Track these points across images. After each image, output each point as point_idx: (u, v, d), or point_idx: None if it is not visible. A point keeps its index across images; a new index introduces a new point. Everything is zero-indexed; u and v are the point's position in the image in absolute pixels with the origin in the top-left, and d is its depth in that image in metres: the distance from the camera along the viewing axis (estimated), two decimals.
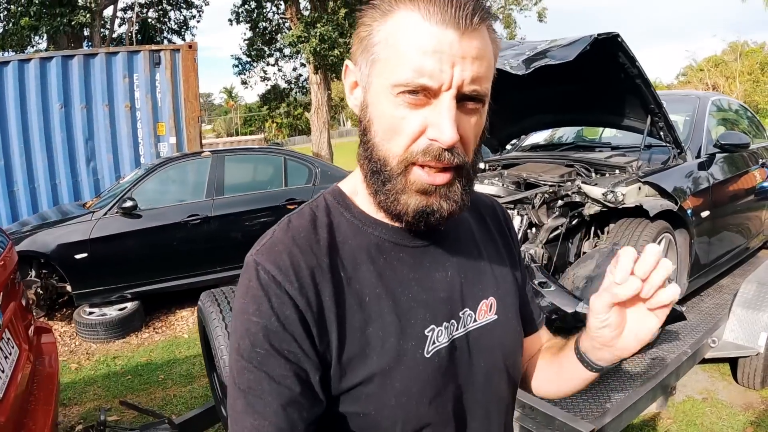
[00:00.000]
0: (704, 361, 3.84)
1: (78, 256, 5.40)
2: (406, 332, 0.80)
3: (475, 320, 0.89)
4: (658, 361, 2.99)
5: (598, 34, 2.85)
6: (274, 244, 0.79)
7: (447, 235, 0.89)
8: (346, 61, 0.84)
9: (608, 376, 2.82)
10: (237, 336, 0.76)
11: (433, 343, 0.82)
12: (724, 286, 4.33)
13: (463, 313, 0.88)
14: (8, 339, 2.30)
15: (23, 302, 2.73)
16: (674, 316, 2.57)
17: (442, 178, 0.75)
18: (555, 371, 1.01)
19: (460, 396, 0.87)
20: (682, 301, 3.70)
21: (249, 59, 18.14)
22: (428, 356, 0.82)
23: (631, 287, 0.72)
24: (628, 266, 0.72)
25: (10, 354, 2.26)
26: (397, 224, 0.83)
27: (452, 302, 0.87)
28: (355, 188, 0.87)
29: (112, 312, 5.54)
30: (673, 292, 0.73)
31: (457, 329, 0.86)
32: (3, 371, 2.11)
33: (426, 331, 0.82)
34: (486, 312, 0.91)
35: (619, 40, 2.96)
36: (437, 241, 0.88)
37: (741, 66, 35.51)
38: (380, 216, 0.84)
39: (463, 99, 0.74)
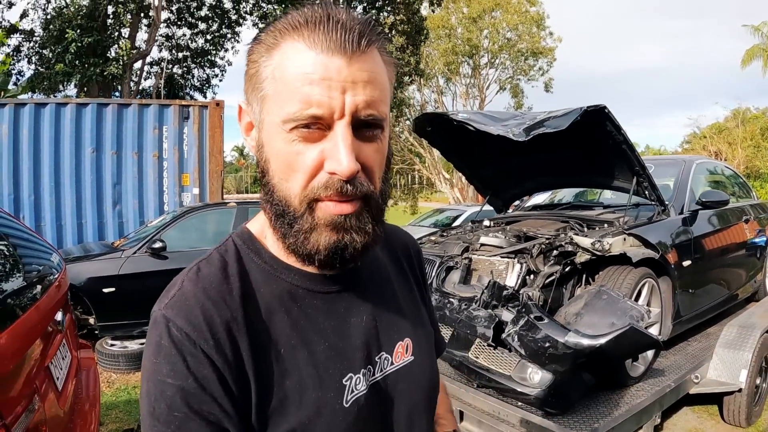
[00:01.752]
0: (693, 401, 4.18)
1: (106, 290, 5.74)
2: (324, 383, 0.77)
3: (392, 363, 0.87)
4: (642, 392, 3.36)
5: (588, 107, 3.34)
6: (185, 296, 0.73)
7: (360, 278, 0.87)
8: (239, 102, 0.80)
9: (598, 402, 3.19)
10: (151, 399, 0.69)
11: (352, 391, 0.79)
12: (711, 333, 4.68)
13: (380, 357, 0.85)
14: (64, 344, 2.65)
15: (73, 318, 3.12)
16: (650, 343, 2.94)
17: (349, 207, 0.72)
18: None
19: None
20: (667, 344, 4.05)
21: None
22: (347, 406, 0.78)
23: None
24: None
25: (66, 357, 2.62)
26: (309, 269, 0.80)
27: (369, 348, 0.84)
28: (264, 230, 0.83)
29: (133, 345, 5.78)
30: None
31: (374, 374, 0.84)
32: (62, 369, 2.47)
33: (344, 380, 0.79)
34: (402, 354, 0.89)
35: (606, 111, 3.44)
36: (351, 286, 0.85)
37: (743, 132, 36.19)
38: (291, 260, 0.80)
39: (360, 126, 0.70)
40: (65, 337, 2.69)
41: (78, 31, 12.99)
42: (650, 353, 3.54)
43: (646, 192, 4.01)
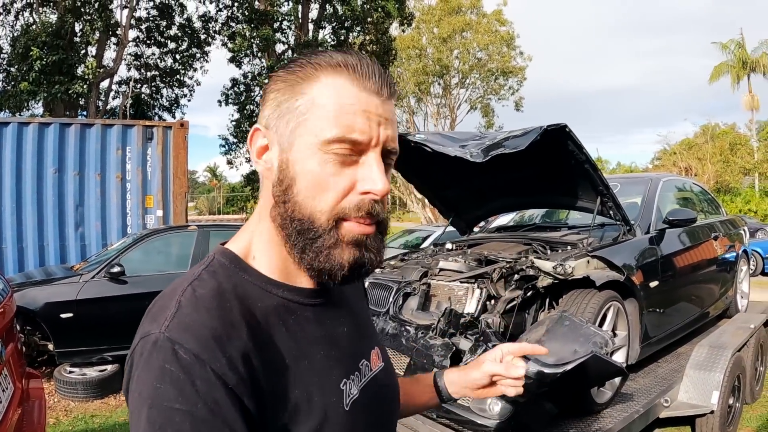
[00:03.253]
0: (665, 424, 4.08)
1: (64, 315, 5.57)
2: (326, 389, 0.81)
3: (370, 369, 0.93)
4: (609, 420, 3.24)
5: (548, 126, 3.25)
6: (188, 318, 0.71)
7: (334, 291, 0.91)
8: (256, 126, 0.85)
9: (565, 429, 3.07)
10: (155, 427, 0.65)
11: (348, 395, 0.84)
12: (681, 353, 4.59)
13: (362, 364, 0.91)
14: (6, 375, 2.53)
15: (19, 346, 2.98)
16: (615, 371, 2.84)
17: (370, 229, 0.80)
18: (411, 385, 1.23)
19: None
20: (636, 367, 3.96)
21: (235, 140, 18.85)
22: (348, 409, 0.83)
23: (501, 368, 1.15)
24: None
25: (6, 389, 2.49)
26: (297, 283, 0.85)
27: (354, 355, 0.90)
28: (248, 251, 0.85)
29: (92, 372, 5.64)
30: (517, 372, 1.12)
31: (361, 380, 0.89)
32: (0, 402, 2.35)
33: (341, 386, 0.84)
34: (377, 360, 0.97)
35: (567, 130, 3.36)
36: (329, 298, 0.90)
37: (712, 148, 36.90)
38: (277, 276, 0.84)
39: (384, 155, 0.81)
40: (7, 368, 2.58)
41: (44, 48, 12.78)
42: (617, 378, 3.43)
43: (611, 212, 3.94)
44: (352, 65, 0.79)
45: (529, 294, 3.24)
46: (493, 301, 3.28)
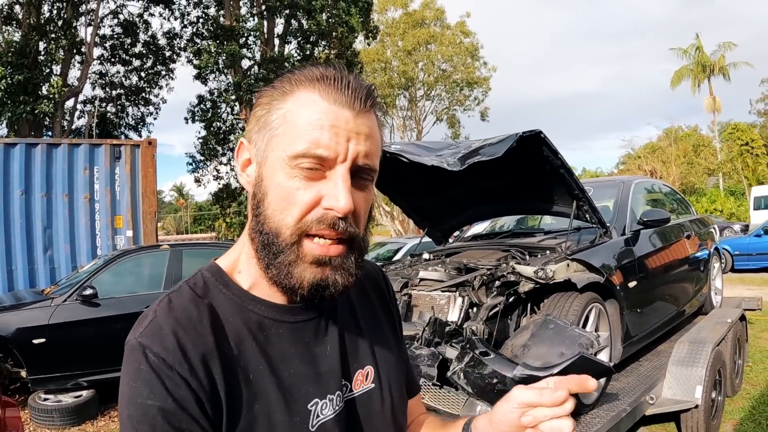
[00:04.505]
0: (650, 421, 4.12)
1: (36, 341, 5.41)
2: (291, 407, 0.81)
3: (351, 390, 0.91)
4: (597, 420, 3.25)
5: (523, 132, 3.27)
6: (159, 325, 0.77)
7: (325, 309, 0.90)
8: (241, 139, 0.86)
9: None
10: (133, 422, 0.73)
11: (317, 416, 0.83)
12: (661, 350, 4.67)
13: (344, 385, 0.89)
14: None
15: None
16: (602, 370, 2.85)
17: (336, 249, 0.78)
18: None
19: None
20: (619, 366, 3.98)
21: (203, 158, 18.67)
22: (313, 430, 0.83)
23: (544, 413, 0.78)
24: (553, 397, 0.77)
25: None
26: (277, 300, 0.85)
27: (333, 375, 0.88)
28: (235, 265, 0.88)
29: (67, 399, 5.49)
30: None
31: (338, 402, 0.88)
32: None
33: (309, 406, 0.83)
34: (362, 382, 0.93)
35: (542, 136, 3.39)
36: (316, 316, 0.89)
37: (676, 150, 37.81)
38: (260, 293, 0.85)
39: (356, 172, 0.79)
40: None
41: (8, 68, 12.51)
42: (603, 379, 3.45)
43: (587, 215, 3.97)
44: (329, 79, 0.79)
45: (511, 300, 3.25)
46: (475, 309, 3.29)
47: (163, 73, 19.07)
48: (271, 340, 0.83)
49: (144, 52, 18.44)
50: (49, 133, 14.79)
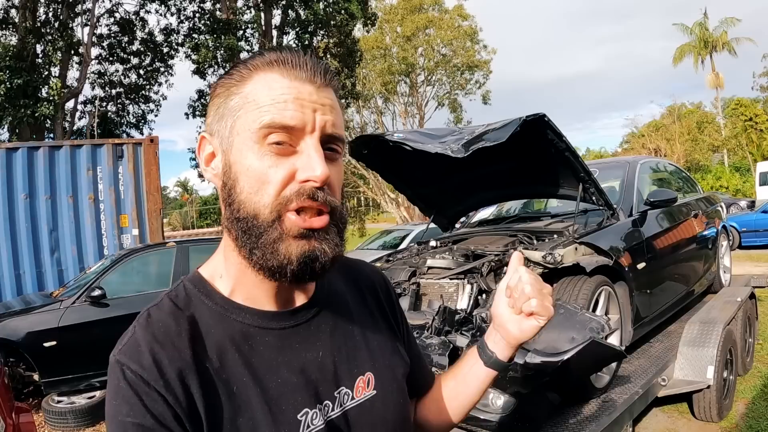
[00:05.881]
0: (662, 402, 4.11)
1: (47, 344, 5.43)
2: (278, 419, 0.79)
3: (352, 398, 0.88)
4: (610, 403, 3.24)
5: (527, 116, 3.23)
6: (136, 342, 0.76)
7: (316, 314, 0.89)
8: (202, 133, 0.85)
9: (566, 419, 3.05)
10: None
11: (308, 426, 0.81)
12: (672, 331, 4.64)
13: (339, 392, 0.86)
14: None
15: (5, 381, 2.89)
16: (613, 354, 2.83)
17: (319, 221, 0.77)
18: (455, 384, 1.07)
19: None
20: (630, 348, 3.97)
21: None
22: None
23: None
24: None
25: None
26: (262, 306, 0.84)
27: (325, 382, 0.85)
28: (216, 271, 0.86)
29: (81, 400, 5.52)
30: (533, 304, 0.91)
31: (332, 410, 0.85)
32: None
33: (299, 416, 0.80)
34: (364, 388, 0.90)
35: (546, 119, 3.34)
36: (305, 321, 0.87)
37: (680, 128, 37.57)
38: (244, 300, 0.83)
39: (326, 142, 0.78)
40: None
41: (7, 72, 12.50)
42: (614, 363, 3.43)
43: (593, 197, 3.94)
44: (284, 60, 0.78)
45: None
46: (484, 296, 3.26)
47: (162, 69, 19.04)
48: (256, 349, 0.81)
49: (142, 49, 18.39)
50: (51, 136, 14.82)
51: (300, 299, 0.89)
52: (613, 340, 3.54)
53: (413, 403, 1.11)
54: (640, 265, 3.96)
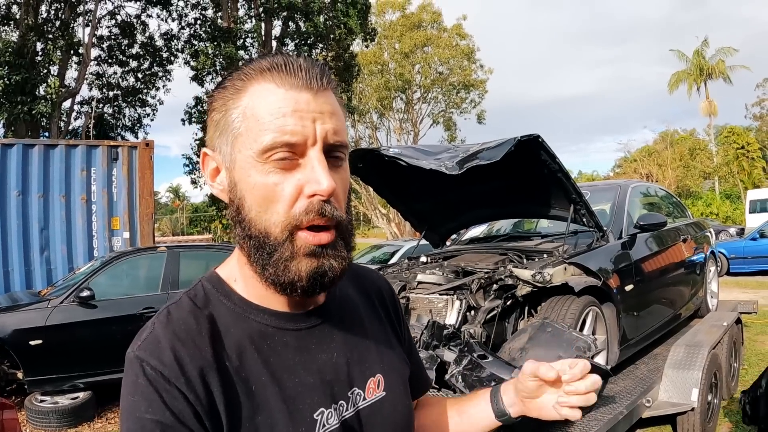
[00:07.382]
0: (647, 423, 4.12)
1: (33, 343, 5.41)
2: (295, 418, 0.79)
3: (364, 398, 0.90)
4: (595, 423, 3.26)
5: (521, 136, 3.28)
6: (156, 338, 0.77)
7: (330, 316, 0.90)
8: (204, 149, 0.84)
9: None
10: None
11: (323, 426, 0.82)
12: (658, 353, 4.66)
13: (352, 393, 0.88)
14: None
15: None
16: (600, 374, 2.85)
17: (327, 237, 0.77)
18: (460, 421, 1.09)
19: None
20: (616, 369, 3.99)
21: (199, 159, 18.71)
22: None
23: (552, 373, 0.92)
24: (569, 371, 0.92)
25: None
26: (279, 308, 0.84)
27: (339, 383, 0.87)
28: (234, 274, 0.87)
29: (64, 400, 5.49)
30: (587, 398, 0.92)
31: (347, 409, 0.86)
32: None
33: (315, 415, 0.82)
34: (374, 390, 0.92)
35: (540, 140, 3.40)
36: (320, 323, 0.88)
37: (672, 153, 37.93)
38: (260, 301, 0.84)
39: (329, 151, 0.77)
40: None
41: (6, 68, 12.50)
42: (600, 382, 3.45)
43: (584, 219, 3.99)
44: (279, 65, 0.77)
45: (508, 303, 3.26)
46: (473, 312, 3.29)
47: (160, 74, 19.09)
48: (274, 349, 0.82)
49: (141, 53, 18.47)
50: (47, 134, 14.82)
51: (313, 302, 0.90)
52: (600, 360, 3.58)
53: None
54: (628, 287, 4.00)
